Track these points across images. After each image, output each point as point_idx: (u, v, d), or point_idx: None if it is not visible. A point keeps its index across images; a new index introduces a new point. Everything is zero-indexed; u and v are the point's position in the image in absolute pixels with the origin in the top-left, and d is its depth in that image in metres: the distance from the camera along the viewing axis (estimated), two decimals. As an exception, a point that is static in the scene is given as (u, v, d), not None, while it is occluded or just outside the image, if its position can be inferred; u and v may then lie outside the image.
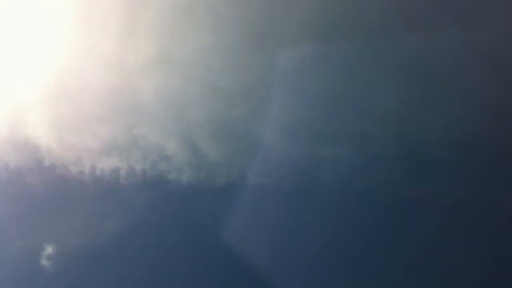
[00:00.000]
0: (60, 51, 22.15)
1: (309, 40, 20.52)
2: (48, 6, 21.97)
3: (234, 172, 21.89)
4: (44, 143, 22.26)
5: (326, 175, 21.11)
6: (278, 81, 21.38)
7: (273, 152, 21.67)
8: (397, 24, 19.91)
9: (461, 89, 19.73)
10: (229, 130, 21.96)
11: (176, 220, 22.48)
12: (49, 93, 22.14)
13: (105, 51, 21.89)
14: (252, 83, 21.49)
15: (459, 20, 19.51)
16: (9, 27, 22.18)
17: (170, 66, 21.80)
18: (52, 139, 22.25)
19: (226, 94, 21.68)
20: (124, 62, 21.91)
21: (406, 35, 19.84)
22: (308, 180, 21.38)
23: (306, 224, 21.40)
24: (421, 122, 20.39)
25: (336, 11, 19.84)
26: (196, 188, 22.09)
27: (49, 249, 22.26)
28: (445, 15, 19.68)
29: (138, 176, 22.36)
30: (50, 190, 22.57)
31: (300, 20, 20.52)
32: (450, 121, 19.95)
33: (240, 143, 21.98)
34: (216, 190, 22.00)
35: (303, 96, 21.48)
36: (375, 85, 20.71)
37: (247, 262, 21.38)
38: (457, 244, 19.75)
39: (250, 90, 21.53)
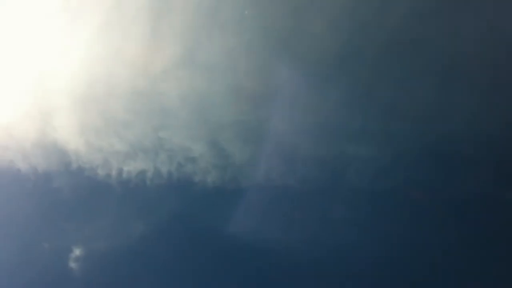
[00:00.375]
0: (87, 56, 22.50)
1: (334, 41, 20.64)
2: (75, 12, 22.34)
3: (259, 173, 22.01)
4: (72, 147, 22.63)
5: (352, 175, 21.18)
6: (303, 82, 21.53)
7: (298, 152, 21.79)
8: (421, 22, 20.05)
9: (488, 87, 19.76)
10: (254, 131, 22.13)
11: (201, 222, 22.64)
12: (77, 97, 22.51)
13: (131, 56, 22.22)
14: (276, 84, 21.65)
15: (483, 16, 19.58)
16: (37, 33, 22.58)
17: (195, 69, 22.06)
18: (80, 142, 22.61)
19: (251, 96, 21.86)
20: (149, 65, 22.21)
21: (430, 32, 19.97)
22: (333, 181, 21.44)
23: (331, 225, 21.45)
24: (446, 120, 20.42)
25: (362, 10, 20.03)
26: (221, 189, 22.25)
27: (76, 251, 22.58)
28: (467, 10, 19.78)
29: (164, 178, 22.61)
30: (78, 193, 22.91)
31: (325, 21, 20.67)
32: (476, 119, 19.95)
33: (265, 144, 22.11)
34: (241, 192, 22.15)
35: (328, 96, 21.57)
36: (401, 84, 20.78)
37: (272, 262, 21.50)
38: (486, 242, 19.69)
39: (274, 92, 21.70)
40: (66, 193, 22.98)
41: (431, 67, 20.45)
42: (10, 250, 22.92)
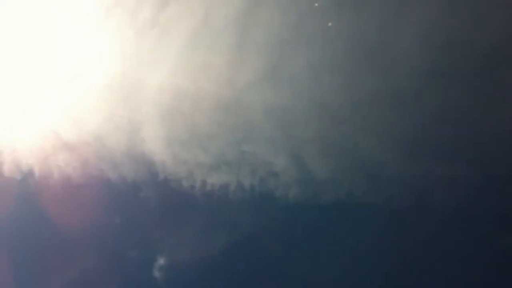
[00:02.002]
0: (175, 70, 23.39)
1: (423, 54, 20.08)
2: (164, 28, 23.30)
3: (342, 190, 21.82)
4: (158, 158, 23.60)
5: (439, 195, 20.46)
6: (389, 97, 21.10)
7: (382, 170, 21.37)
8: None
9: None
10: (337, 146, 21.99)
11: (282, 236, 22.78)
12: (164, 110, 23.46)
13: (217, 69, 22.83)
14: (362, 98, 21.39)
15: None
16: (127, 48, 23.80)
17: (279, 82, 22.31)
18: (166, 154, 23.53)
19: (335, 110, 21.76)
20: (234, 79, 22.71)
21: None
22: (420, 200, 20.81)
23: (416, 246, 20.85)
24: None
25: (454, 23, 19.36)
26: (302, 205, 22.27)
27: (161, 261, 23.52)
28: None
29: (247, 191, 22.98)
30: (163, 203, 23.84)
31: (414, 34, 20.16)
32: None
33: (348, 160, 21.90)
34: (323, 208, 22.06)
35: (415, 112, 20.99)
36: (494, 101, 19.83)
37: (350, 282, 21.24)
38: None
39: (360, 106, 21.44)
40: (152, 203, 24.01)
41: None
42: (98, 257, 24.23)
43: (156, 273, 23.48)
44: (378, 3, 20.50)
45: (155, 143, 23.68)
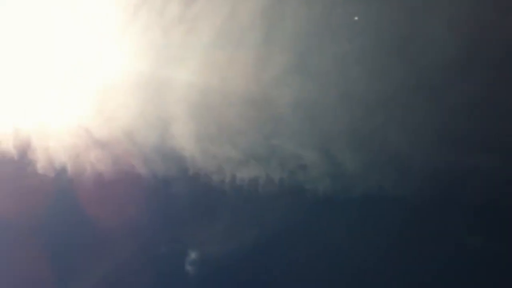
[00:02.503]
0: (203, 65, 23.64)
1: (454, 44, 19.90)
2: (192, 23, 23.55)
3: (372, 183, 21.80)
4: (188, 154, 23.91)
5: (472, 188, 20.27)
6: (419, 87, 20.97)
7: (413, 163, 21.27)
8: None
9: None
10: (367, 139, 21.95)
11: (312, 230, 22.89)
12: (193, 106, 23.74)
13: (244, 63, 22.99)
14: (391, 90, 21.31)
15: None
16: (156, 45, 24.12)
17: (307, 75, 22.36)
18: (196, 149, 23.83)
19: (364, 103, 21.73)
20: (262, 73, 22.85)
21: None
22: (451, 194, 20.66)
23: (447, 239, 20.75)
24: None
25: (485, 11, 19.12)
26: (332, 198, 22.33)
27: (192, 255, 23.86)
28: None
29: (276, 185, 23.14)
30: (194, 198, 24.16)
31: (444, 23, 19.99)
32: None
33: (378, 153, 21.85)
34: (352, 201, 22.09)
35: (446, 102, 20.82)
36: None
37: (379, 279, 21.26)
38: None
39: (389, 98, 21.36)
40: (182, 198, 24.35)
41: None
42: (131, 252, 24.70)
43: (188, 267, 23.87)
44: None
45: (185, 139, 23.99)
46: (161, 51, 23.87)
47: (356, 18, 20.99)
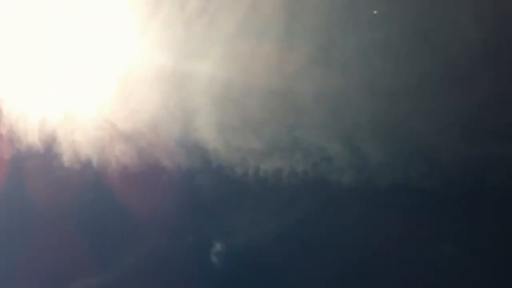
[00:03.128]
0: (224, 57, 23.74)
1: (479, 34, 19.59)
2: (213, 15, 23.63)
3: (398, 174, 21.70)
4: (211, 146, 24.11)
5: (502, 178, 20.05)
6: (444, 78, 20.76)
7: (440, 152, 21.11)
8: None
9: None
10: (391, 130, 21.83)
11: (336, 222, 22.94)
12: (215, 98, 23.90)
13: (266, 55, 23.02)
14: (416, 80, 21.12)
15: None
16: (178, 38, 24.28)
17: (329, 67, 22.27)
18: (219, 141, 24.01)
19: (388, 94, 21.57)
20: (284, 64, 22.85)
21: None
22: (480, 183, 20.46)
23: (477, 231, 20.59)
24: None
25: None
26: (357, 190, 22.32)
27: (217, 246, 24.19)
28: None
29: (300, 177, 23.20)
30: (218, 190, 24.40)
31: (469, 12, 19.70)
32: None
33: (403, 144, 21.73)
34: (378, 193, 22.03)
35: (471, 92, 20.57)
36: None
37: (404, 271, 21.23)
38: None
39: (414, 88, 21.19)
40: (206, 190, 24.61)
41: None
42: (157, 243, 25.14)
43: (213, 258, 24.22)
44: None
45: (208, 131, 24.19)
46: (183, 44, 24.03)
47: (378, 9, 20.80)
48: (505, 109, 20.23)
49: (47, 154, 26.52)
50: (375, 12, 20.88)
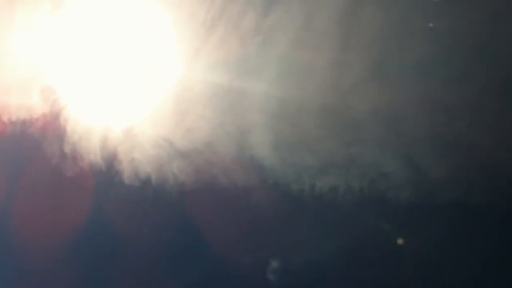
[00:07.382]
0: (279, 74, 24.57)
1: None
2: (267, 33, 24.59)
3: (459, 190, 21.69)
4: (267, 163, 24.85)
5: None
6: (503, 90, 20.77)
7: (503, 168, 21.05)
8: None
9: None
10: (451, 144, 21.85)
11: (395, 239, 23.13)
12: (271, 115, 24.69)
13: (321, 71, 23.69)
14: (474, 94, 21.20)
15: None
16: (233, 56, 25.40)
17: (386, 81, 22.61)
18: (275, 158, 24.76)
19: (447, 107, 21.70)
20: (339, 80, 23.40)
21: None
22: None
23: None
24: None
25: None
26: (416, 206, 22.44)
27: (274, 264, 24.85)
28: None
29: (356, 194, 23.53)
30: (274, 207, 25.10)
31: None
32: None
33: (464, 158, 21.73)
34: (438, 209, 22.05)
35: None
36: None
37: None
38: None
39: (473, 102, 21.27)
40: (263, 207, 25.35)
41: None
42: (214, 260, 26.09)
43: (270, 276, 24.84)
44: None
45: (263, 148, 24.92)
46: (238, 62, 25.03)
47: (434, 23, 21.14)
48: None
49: (108, 172, 28.14)
50: (430, 25, 21.22)
